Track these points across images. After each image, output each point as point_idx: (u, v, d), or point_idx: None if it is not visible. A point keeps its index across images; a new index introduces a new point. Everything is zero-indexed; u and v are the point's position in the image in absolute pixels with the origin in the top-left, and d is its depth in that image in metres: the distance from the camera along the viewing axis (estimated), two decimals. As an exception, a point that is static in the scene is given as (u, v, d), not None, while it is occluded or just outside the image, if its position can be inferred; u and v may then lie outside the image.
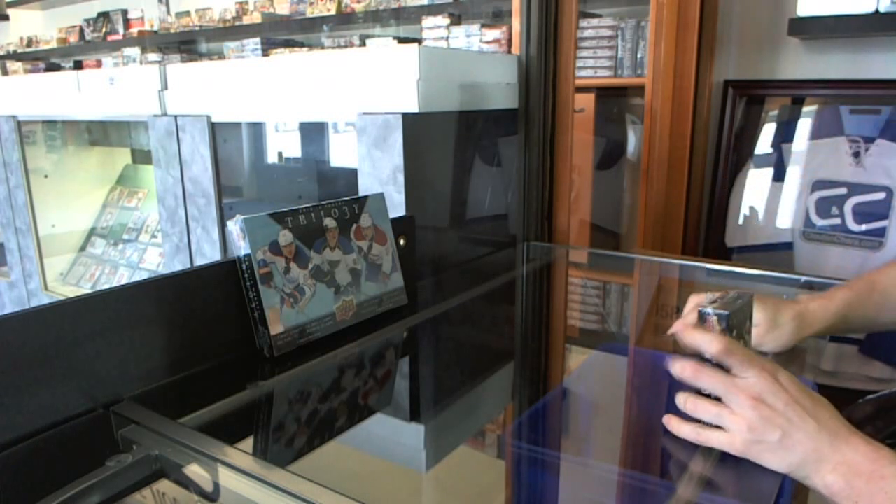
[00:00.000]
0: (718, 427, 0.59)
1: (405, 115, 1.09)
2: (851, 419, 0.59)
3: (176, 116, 1.52)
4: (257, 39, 3.33)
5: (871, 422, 0.60)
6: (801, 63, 1.84)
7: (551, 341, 0.99)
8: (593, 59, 2.18)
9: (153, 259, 2.17)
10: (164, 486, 0.57)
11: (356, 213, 0.90)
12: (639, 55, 2.11)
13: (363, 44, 3.06)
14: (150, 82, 1.56)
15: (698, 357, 0.62)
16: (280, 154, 1.68)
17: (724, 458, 0.59)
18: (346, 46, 3.12)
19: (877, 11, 1.58)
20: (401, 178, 1.10)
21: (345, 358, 0.82)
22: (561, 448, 0.67)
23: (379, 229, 0.93)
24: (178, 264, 1.64)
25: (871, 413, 0.58)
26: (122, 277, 2.21)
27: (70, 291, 2.18)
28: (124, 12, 4.16)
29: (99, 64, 4.31)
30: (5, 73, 4.83)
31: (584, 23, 2.16)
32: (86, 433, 0.64)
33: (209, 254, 1.57)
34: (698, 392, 0.62)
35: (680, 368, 0.62)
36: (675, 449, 0.62)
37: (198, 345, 0.76)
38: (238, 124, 1.57)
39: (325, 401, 0.72)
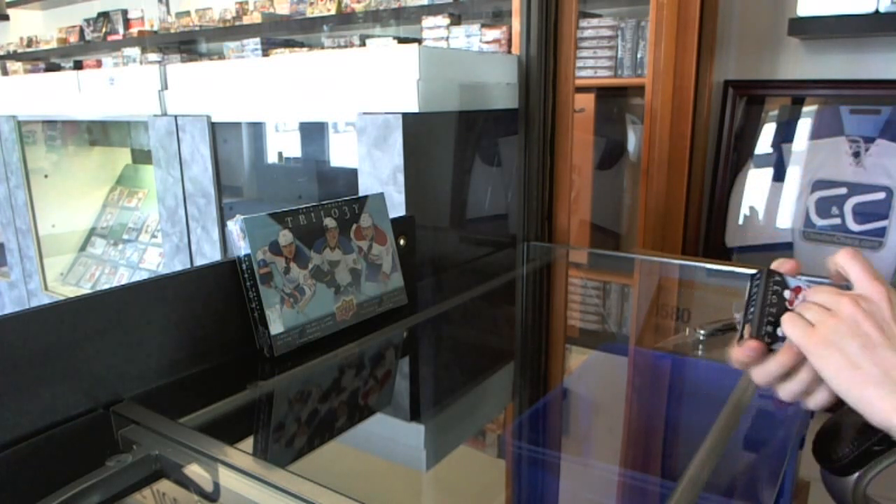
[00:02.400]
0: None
1: (405, 115, 1.09)
2: (840, 424, 0.59)
3: (176, 116, 1.52)
4: (257, 39, 3.33)
5: (859, 427, 0.59)
6: (801, 63, 1.84)
7: (551, 341, 0.99)
8: (593, 59, 2.18)
9: (153, 259, 2.17)
10: (164, 486, 0.57)
11: (356, 213, 0.90)
12: (639, 55, 2.11)
13: (363, 44, 3.06)
14: (150, 82, 1.56)
15: None
16: (280, 154, 1.68)
17: (725, 458, 0.59)
18: (346, 46, 3.12)
19: (877, 11, 1.58)
20: (401, 178, 1.10)
21: (345, 358, 0.82)
22: (561, 448, 0.67)
23: (379, 229, 0.93)
24: (178, 264, 1.64)
25: (861, 418, 0.57)
26: (122, 277, 2.21)
27: (70, 291, 2.18)
28: (124, 12, 4.16)
29: (99, 64, 4.31)
30: (5, 73, 4.83)
31: (584, 23, 2.16)
32: (86, 433, 0.64)
33: (209, 254, 1.57)
34: None
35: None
36: (676, 449, 0.62)
37: (198, 345, 0.76)
38: (238, 124, 1.57)
39: (325, 401, 0.72)
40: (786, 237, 1.78)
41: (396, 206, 1.11)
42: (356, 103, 1.17)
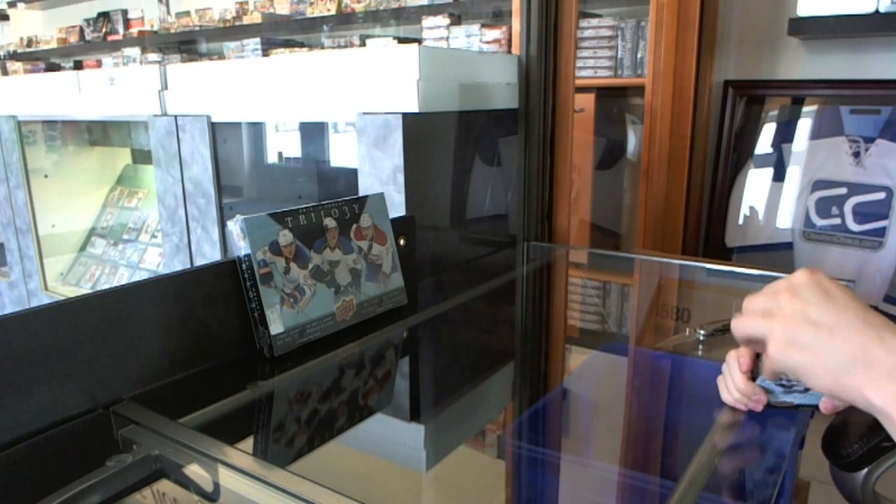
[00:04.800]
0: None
1: (405, 115, 1.09)
2: (849, 420, 0.59)
3: (176, 116, 1.52)
4: (257, 39, 3.33)
5: (869, 423, 0.59)
6: (801, 63, 1.84)
7: (551, 341, 0.99)
8: (593, 59, 2.18)
9: (153, 259, 2.17)
10: (164, 486, 0.57)
11: (356, 213, 0.90)
12: (639, 55, 2.11)
13: (363, 44, 3.06)
14: (150, 82, 1.56)
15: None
16: (280, 154, 1.68)
17: (725, 458, 0.59)
18: (346, 46, 3.12)
19: (877, 11, 1.58)
20: (401, 178, 1.10)
21: (345, 358, 0.82)
22: (561, 448, 0.67)
23: (379, 229, 0.93)
24: (178, 264, 1.64)
25: (870, 415, 0.57)
26: (122, 277, 2.21)
27: (70, 291, 2.18)
28: (124, 12, 4.16)
29: (99, 64, 4.31)
30: (5, 73, 4.83)
31: (584, 23, 2.16)
32: (86, 433, 0.64)
33: (209, 254, 1.57)
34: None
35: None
36: (676, 449, 0.62)
37: (198, 345, 0.76)
38: (238, 124, 1.57)
39: (325, 401, 0.72)
40: (786, 237, 1.78)
41: (396, 206, 1.11)
42: (356, 103, 1.17)
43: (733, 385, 0.64)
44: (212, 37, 3.70)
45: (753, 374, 0.63)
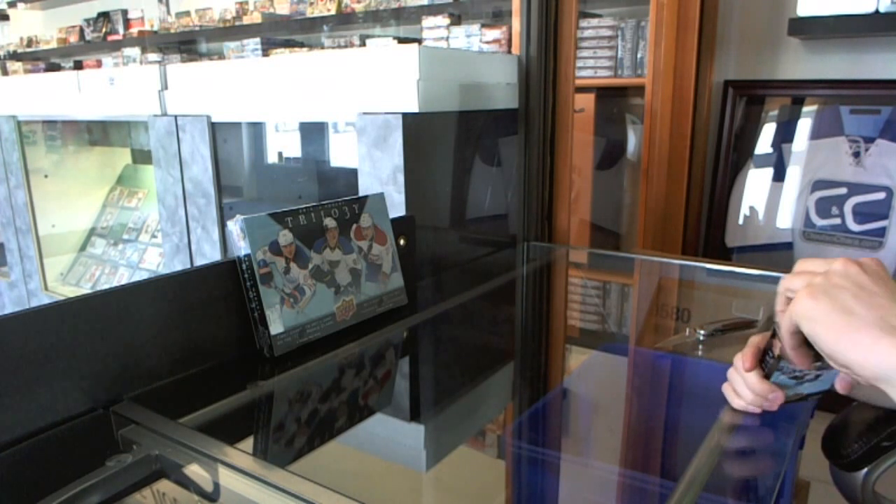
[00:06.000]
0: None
1: (405, 115, 1.09)
2: (849, 420, 0.59)
3: (176, 116, 1.52)
4: (257, 39, 3.33)
5: (869, 423, 0.59)
6: (801, 63, 1.84)
7: (551, 341, 0.99)
8: (593, 59, 2.18)
9: (153, 259, 2.17)
10: (164, 486, 0.57)
11: (356, 213, 0.90)
12: (639, 55, 2.11)
13: (363, 44, 3.06)
14: (150, 82, 1.56)
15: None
16: (280, 154, 1.68)
17: (725, 458, 0.59)
18: (346, 46, 3.12)
19: (877, 11, 1.58)
20: (401, 178, 1.10)
21: (345, 358, 0.82)
22: (561, 448, 0.67)
23: (379, 229, 0.93)
24: (178, 264, 1.64)
25: (870, 415, 0.57)
26: (122, 277, 2.21)
27: (70, 291, 2.18)
28: (124, 12, 4.16)
29: (99, 64, 4.31)
30: (5, 73, 4.83)
31: (584, 23, 2.16)
32: (86, 433, 0.64)
33: (209, 254, 1.57)
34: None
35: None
36: (676, 449, 0.61)
37: (198, 345, 0.76)
38: (238, 124, 1.57)
39: (325, 401, 0.72)
40: (786, 237, 1.78)
41: (396, 206, 1.11)
42: (356, 103, 1.17)
43: (747, 387, 0.63)
44: (212, 37, 3.70)
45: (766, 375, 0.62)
